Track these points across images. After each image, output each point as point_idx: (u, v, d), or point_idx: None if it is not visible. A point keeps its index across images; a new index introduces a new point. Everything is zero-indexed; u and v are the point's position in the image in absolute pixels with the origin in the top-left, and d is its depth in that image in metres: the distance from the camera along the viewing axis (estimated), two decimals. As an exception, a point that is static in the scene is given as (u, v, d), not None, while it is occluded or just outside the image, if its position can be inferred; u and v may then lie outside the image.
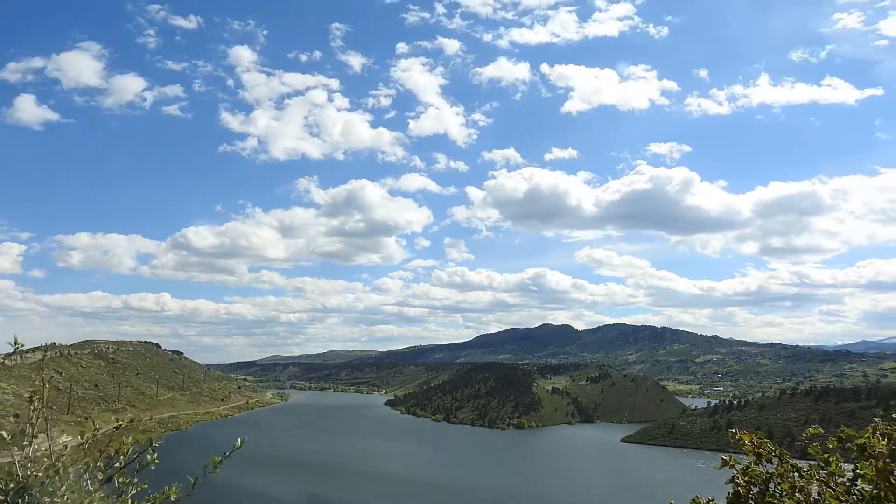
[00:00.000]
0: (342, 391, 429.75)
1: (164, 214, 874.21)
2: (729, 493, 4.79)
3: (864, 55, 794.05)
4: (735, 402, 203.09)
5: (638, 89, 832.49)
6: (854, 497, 4.50)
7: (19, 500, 3.61)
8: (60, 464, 3.86)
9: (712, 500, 4.95)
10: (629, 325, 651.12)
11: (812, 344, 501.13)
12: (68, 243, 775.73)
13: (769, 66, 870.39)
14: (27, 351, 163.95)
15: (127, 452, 4.01)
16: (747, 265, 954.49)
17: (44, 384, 4.11)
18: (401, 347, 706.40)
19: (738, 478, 4.77)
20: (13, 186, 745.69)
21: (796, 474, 4.69)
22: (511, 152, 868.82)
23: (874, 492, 4.39)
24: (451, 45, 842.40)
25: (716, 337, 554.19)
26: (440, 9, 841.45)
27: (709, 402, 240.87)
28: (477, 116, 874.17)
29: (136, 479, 4.04)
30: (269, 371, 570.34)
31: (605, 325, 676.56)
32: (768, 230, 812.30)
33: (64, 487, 3.74)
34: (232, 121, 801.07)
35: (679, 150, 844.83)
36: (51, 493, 3.69)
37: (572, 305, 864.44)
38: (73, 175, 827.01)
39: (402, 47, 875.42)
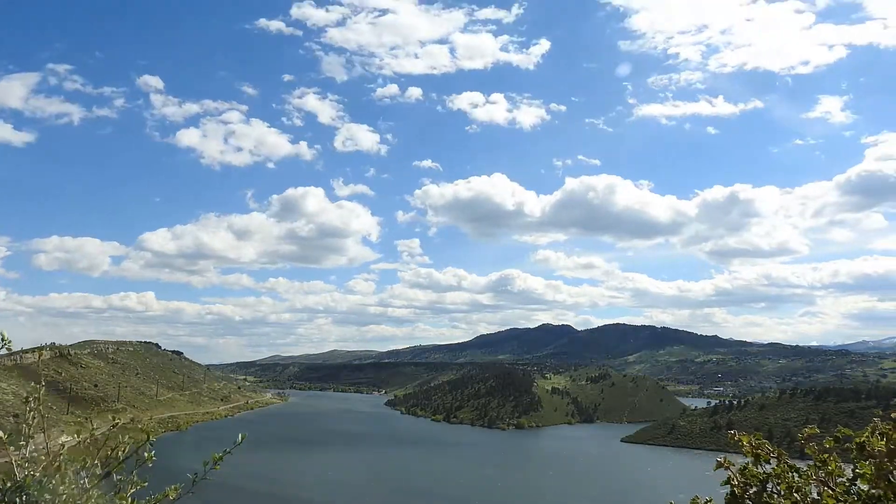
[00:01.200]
0: (342, 391, 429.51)
1: (124, 221, 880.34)
2: (727, 494, 4.79)
3: (716, 81, 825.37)
4: (735, 402, 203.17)
5: (529, 112, 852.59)
6: (853, 497, 4.50)
7: (17, 500, 3.58)
8: (58, 463, 3.83)
9: (709, 501, 4.96)
10: (629, 325, 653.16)
11: (803, 344, 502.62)
12: (41, 247, 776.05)
13: (636, 92, 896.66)
14: (27, 351, 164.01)
15: (125, 449, 3.97)
16: (710, 269, 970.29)
17: (40, 383, 4.08)
18: (401, 347, 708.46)
19: (733, 479, 4.77)
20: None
21: (794, 474, 4.69)
22: (432, 163, 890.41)
23: (872, 492, 4.39)
24: (339, 75, 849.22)
25: (716, 337, 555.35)
26: (313, 45, 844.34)
27: (709, 403, 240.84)
28: (388, 135, 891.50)
29: (135, 478, 4.00)
30: (269, 371, 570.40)
31: (605, 326, 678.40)
32: (714, 235, 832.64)
33: (62, 487, 3.71)
34: (164, 138, 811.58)
35: (589, 163, 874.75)
36: (49, 491, 3.67)
37: (553, 306, 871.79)
38: (36, 185, 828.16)
39: (288, 77, 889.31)
